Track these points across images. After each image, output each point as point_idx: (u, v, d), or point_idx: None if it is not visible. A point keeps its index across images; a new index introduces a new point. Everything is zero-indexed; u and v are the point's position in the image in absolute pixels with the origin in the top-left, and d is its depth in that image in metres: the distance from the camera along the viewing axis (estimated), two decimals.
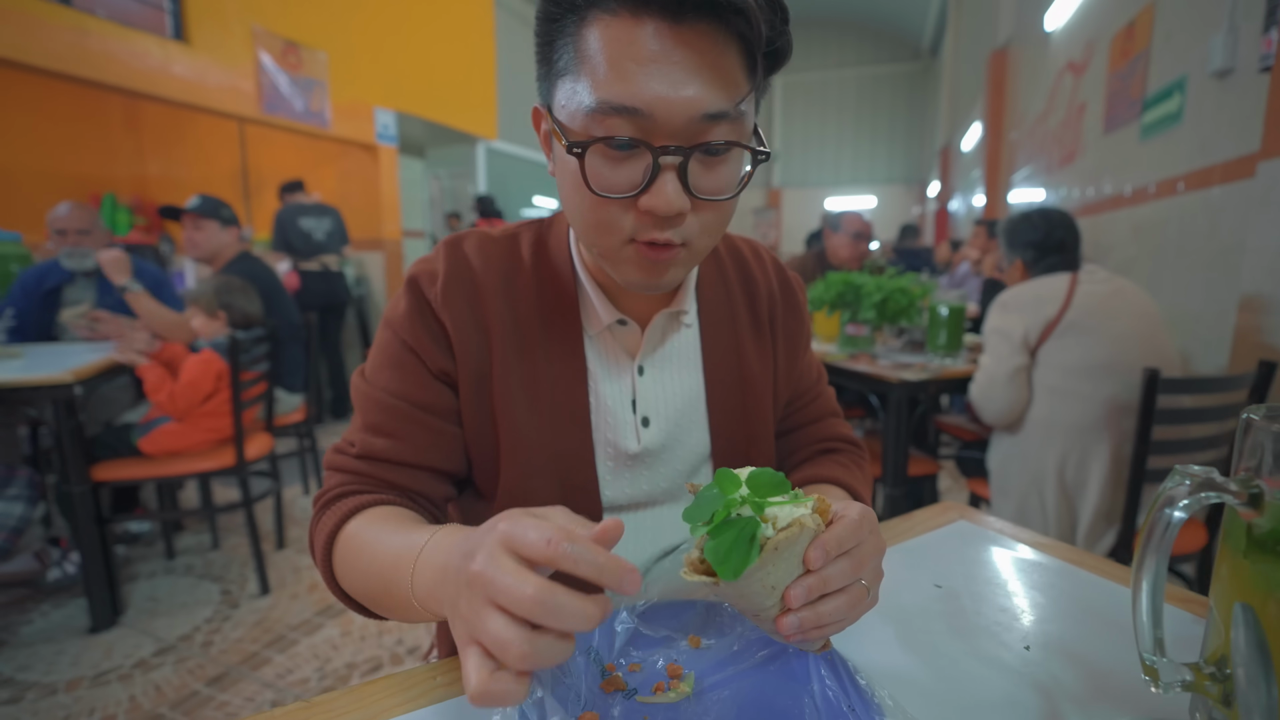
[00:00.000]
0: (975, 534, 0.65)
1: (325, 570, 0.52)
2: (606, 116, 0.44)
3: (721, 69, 0.43)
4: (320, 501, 0.55)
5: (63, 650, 1.74)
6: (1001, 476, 1.57)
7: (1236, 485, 0.32)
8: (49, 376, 1.67)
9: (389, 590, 0.44)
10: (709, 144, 0.44)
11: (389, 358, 0.57)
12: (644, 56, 0.42)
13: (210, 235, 2.42)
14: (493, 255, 0.59)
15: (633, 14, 0.42)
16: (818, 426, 0.72)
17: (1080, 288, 1.47)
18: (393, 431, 0.55)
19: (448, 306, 0.56)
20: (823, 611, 0.38)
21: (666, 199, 0.44)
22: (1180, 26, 2.54)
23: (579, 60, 0.45)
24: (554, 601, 0.31)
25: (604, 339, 0.60)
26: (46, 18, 2.88)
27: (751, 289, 0.67)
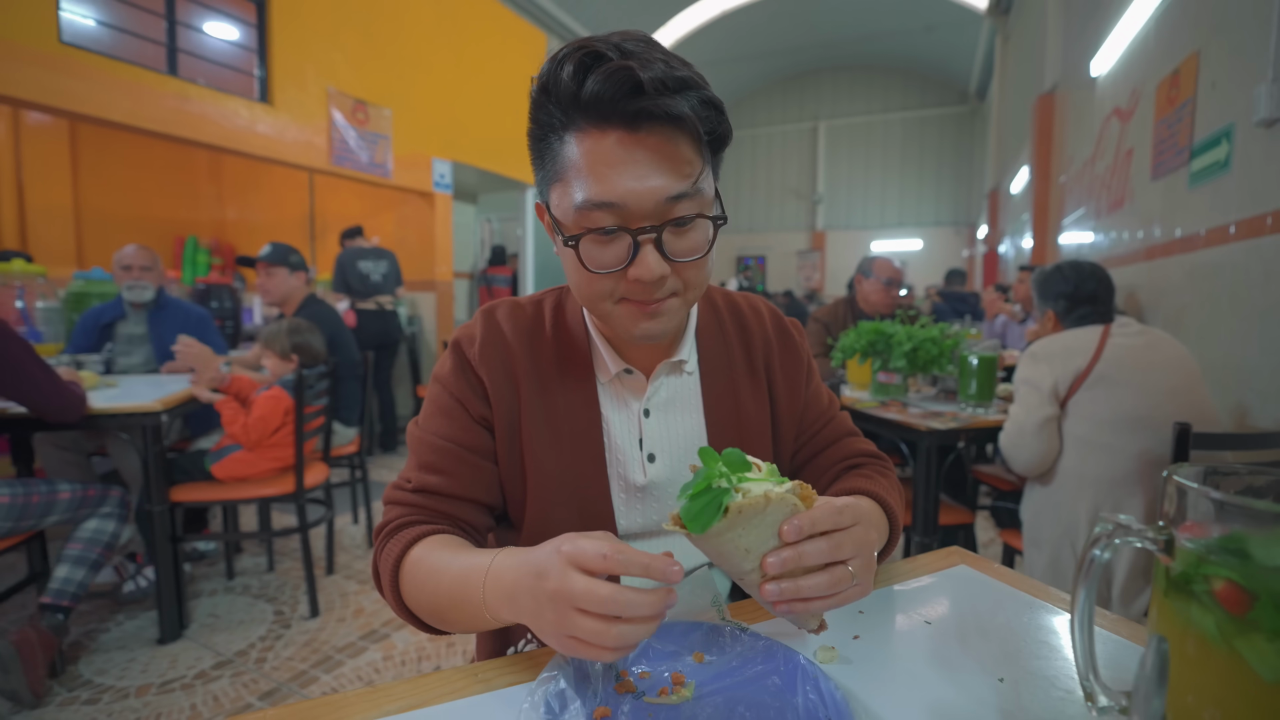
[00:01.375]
0: (974, 579, 0.69)
1: (393, 592, 0.61)
2: (591, 211, 0.54)
3: (676, 159, 0.54)
4: (383, 533, 0.64)
5: (134, 658, 1.88)
6: (1034, 528, 1.56)
7: (1153, 532, 0.37)
8: (140, 405, 1.86)
9: (458, 604, 0.54)
10: (676, 219, 0.55)
11: (439, 408, 0.68)
12: (613, 160, 0.53)
13: (280, 281, 2.65)
14: (520, 320, 0.70)
15: (599, 129, 0.53)
16: (837, 447, 0.78)
17: (1112, 340, 1.48)
18: (443, 469, 0.66)
19: (484, 364, 0.67)
20: (803, 585, 0.45)
21: (649, 268, 0.55)
22: (1225, 75, 2.54)
23: (563, 169, 0.56)
24: (625, 598, 0.42)
25: (614, 386, 0.70)
26: (154, 86, 3.26)
27: (747, 339, 0.76)
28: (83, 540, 1.76)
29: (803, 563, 0.45)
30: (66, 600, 1.71)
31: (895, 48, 12.50)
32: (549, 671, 0.46)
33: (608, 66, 0.51)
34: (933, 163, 13.69)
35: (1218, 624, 0.35)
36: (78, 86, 2.95)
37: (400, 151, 4.78)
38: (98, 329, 2.55)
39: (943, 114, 13.52)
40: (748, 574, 0.47)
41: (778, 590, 0.45)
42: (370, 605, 2.24)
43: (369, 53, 4.53)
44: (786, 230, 14.54)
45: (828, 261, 13.91)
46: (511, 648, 0.73)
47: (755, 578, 0.46)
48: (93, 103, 3.00)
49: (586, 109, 0.53)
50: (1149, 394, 1.41)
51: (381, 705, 0.47)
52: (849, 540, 0.48)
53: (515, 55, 6.04)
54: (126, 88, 3.13)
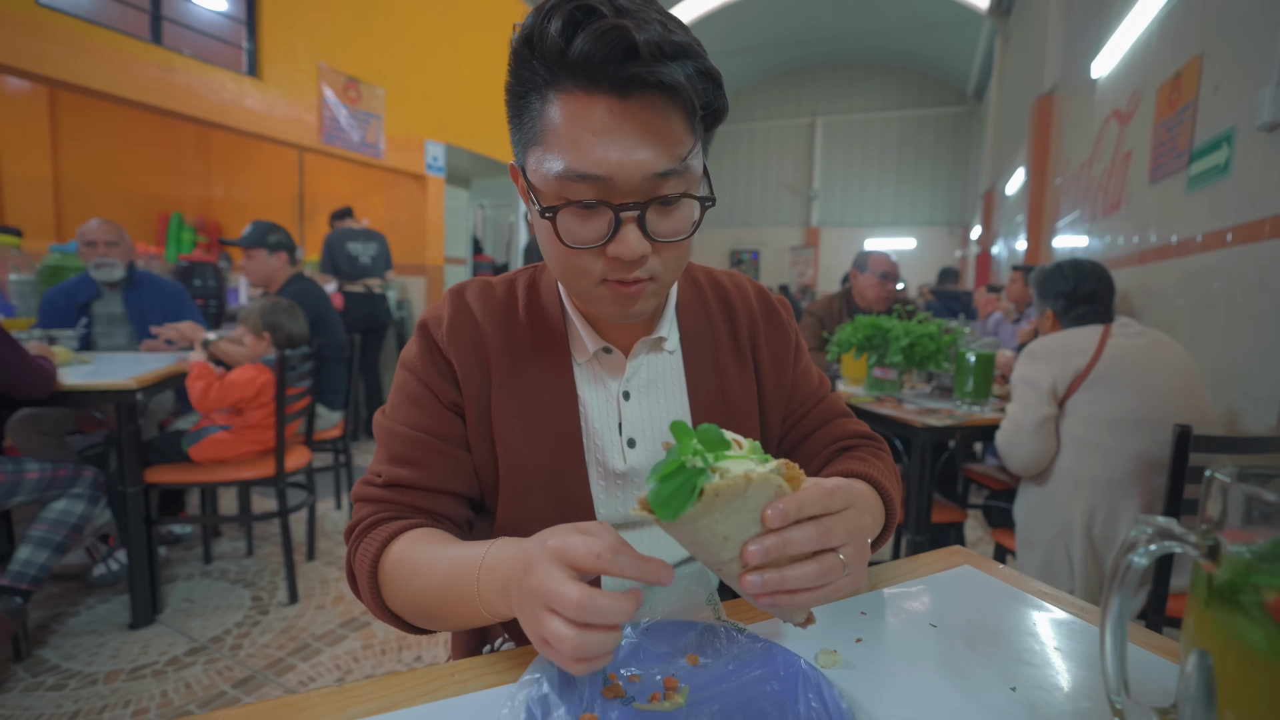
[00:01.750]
0: (979, 579, 0.66)
1: (371, 593, 0.57)
2: (572, 182, 0.50)
3: (666, 133, 0.50)
4: (355, 532, 0.60)
5: (104, 643, 1.83)
6: (1028, 528, 1.54)
7: (1196, 536, 0.34)
8: (116, 382, 1.79)
9: (450, 601, 0.50)
10: (662, 197, 0.52)
11: (407, 395, 0.64)
12: (599, 128, 0.49)
13: (260, 263, 2.58)
14: (490, 299, 0.66)
15: (586, 92, 0.49)
16: (829, 428, 0.74)
17: (1112, 340, 1.46)
18: (415, 460, 0.61)
19: (453, 345, 0.63)
20: (789, 576, 0.40)
21: (629, 246, 0.52)
22: (1228, 79, 2.52)
23: (544, 132, 0.51)
24: (594, 604, 0.38)
25: (591, 366, 0.66)
26: (137, 54, 3.16)
27: (732, 316, 0.72)
28: (48, 521, 1.70)
29: (788, 551, 0.40)
30: (26, 583, 1.65)
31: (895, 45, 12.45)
32: (531, 674, 0.43)
33: (600, 24, 0.47)
34: (929, 162, 13.70)
35: (1268, 638, 0.31)
36: (55, 51, 2.85)
37: (392, 132, 4.68)
38: (73, 308, 2.46)
39: (940, 113, 13.51)
40: (726, 564, 0.42)
41: (760, 581, 0.40)
42: (350, 593, 2.19)
43: (362, 29, 4.43)
44: (781, 225, 14.51)
45: (821, 258, 13.91)
46: (488, 645, 0.69)
47: (735, 567, 0.41)
48: (71, 69, 2.90)
49: (574, 69, 0.48)
50: (1148, 395, 1.39)
51: (348, 707, 0.44)
52: (840, 525, 0.42)
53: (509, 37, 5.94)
54: (107, 54, 3.02)
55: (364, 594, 0.58)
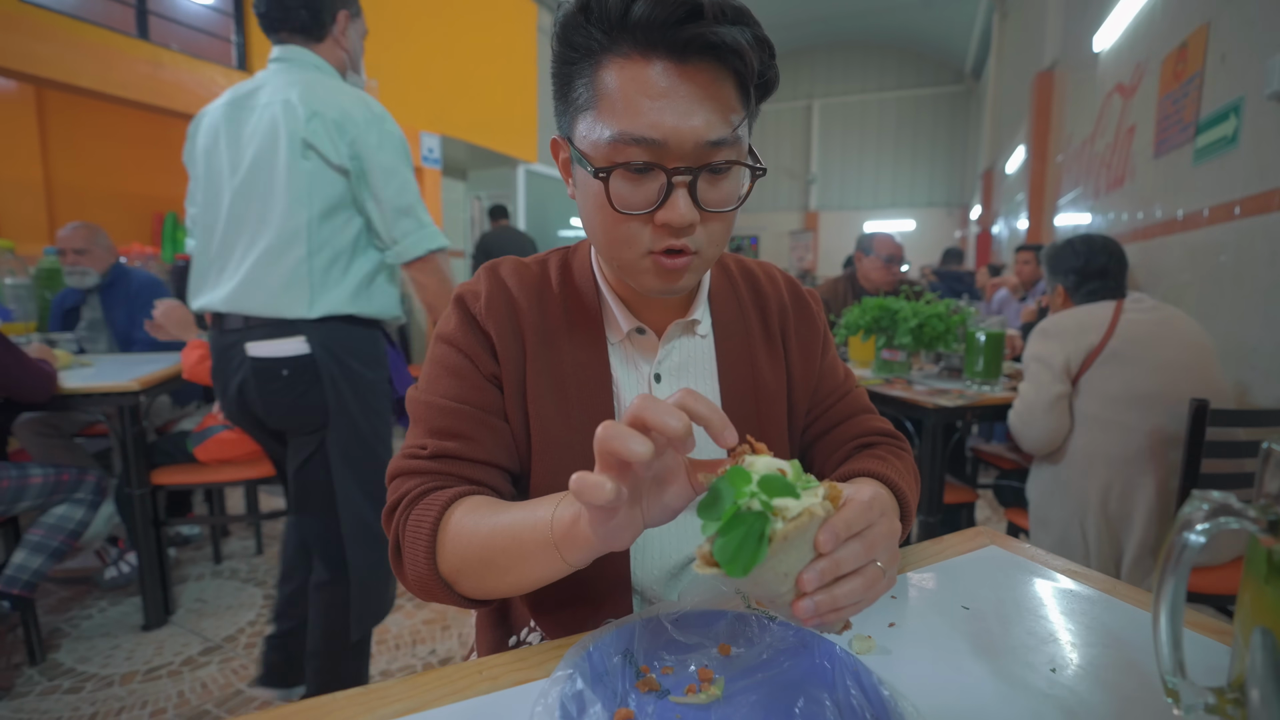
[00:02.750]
0: (1006, 559, 0.65)
1: (428, 559, 0.53)
2: (626, 146, 0.50)
3: (721, 100, 0.50)
4: (402, 504, 0.57)
5: (118, 645, 1.83)
6: (1042, 507, 1.53)
7: (1256, 512, 0.32)
8: (118, 384, 1.78)
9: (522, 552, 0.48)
10: (714, 164, 0.52)
11: (446, 368, 0.63)
12: (655, 92, 0.49)
13: None
14: (525, 276, 0.66)
15: (644, 55, 0.49)
16: (851, 424, 0.73)
17: (1125, 316, 1.44)
18: (460, 432, 0.60)
19: (491, 318, 0.62)
20: (838, 594, 0.39)
21: (680, 213, 0.52)
22: (1235, 48, 2.48)
23: (597, 97, 0.52)
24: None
25: (625, 346, 0.66)
26: (125, 50, 3.11)
27: (763, 303, 0.72)
28: (45, 526, 1.69)
29: (840, 571, 0.40)
30: (18, 589, 1.64)
31: (891, 24, 12.31)
32: (563, 669, 0.42)
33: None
34: (927, 143, 13.59)
35: None
36: (41, 49, 2.80)
37: None
38: (63, 313, 2.46)
39: (938, 93, 13.38)
40: (781, 596, 0.40)
41: (813, 606, 0.39)
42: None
43: None
44: (780, 210, 14.43)
45: (821, 242, 13.84)
46: (513, 636, 0.68)
47: (789, 597, 0.40)
48: (57, 66, 2.86)
49: (634, 31, 0.49)
50: (1162, 371, 1.37)
51: (375, 709, 0.43)
52: (879, 536, 0.42)
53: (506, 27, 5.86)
54: (94, 51, 2.98)
55: (416, 567, 0.54)
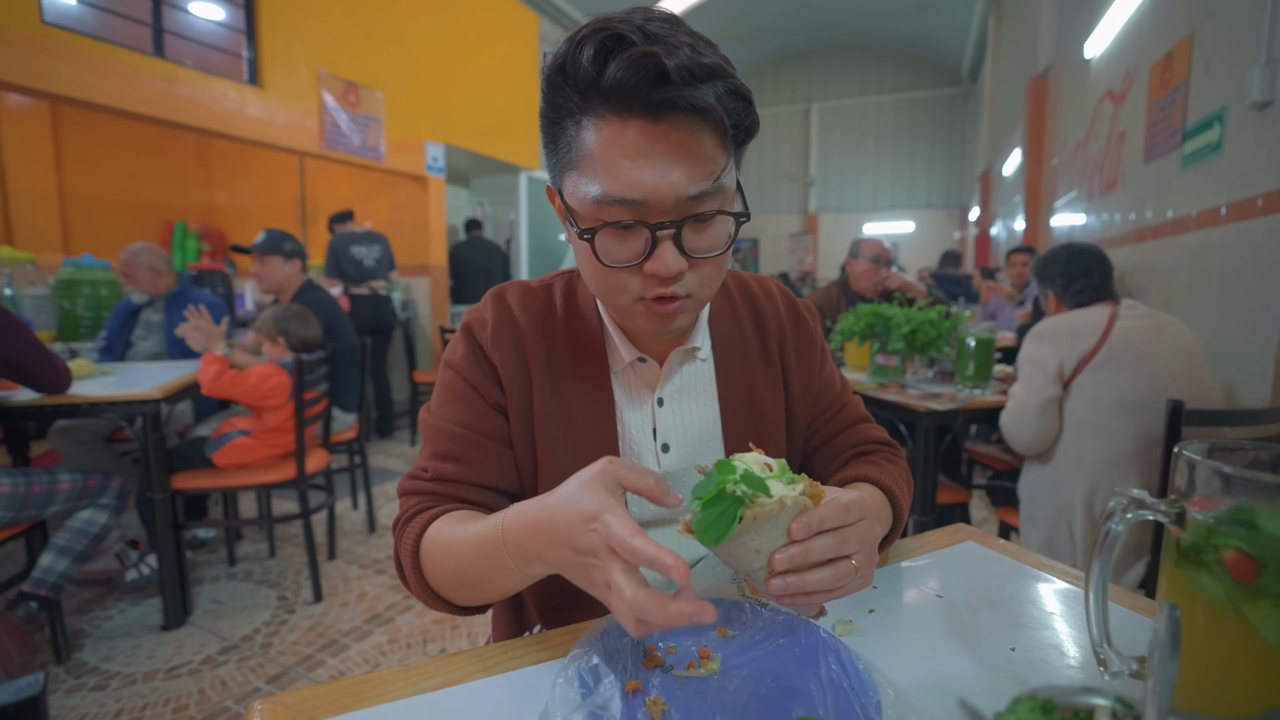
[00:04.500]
0: (981, 554, 0.71)
1: (415, 576, 0.59)
2: (609, 206, 0.53)
3: (699, 154, 0.52)
4: (399, 523, 0.63)
5: (140, 645, 1.89)
6: (1031, 505, 1.59)
7: (1165, 505, 0.39)
8: (140, 392, 1.85)
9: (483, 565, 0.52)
10: (697, 214, 0.54)
11: (453, 394, 0.67)
12: (633, 152, 0.51)
13: (274, 269, 2.63)
14: (531, 304, 0.69)
15: (620, 117, 0.52)
16: (849, 434, 0.77)
17: (1119, 323, 1.48)
18: (460, 457, 0.65)
19: (497, 349, 0.66)
20: (809, 579, 0.46)
21: (666, 264, 0.54)
22: (1218, 58, 2.55)
23: (580, 157, 0.54)
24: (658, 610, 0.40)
25: (627, 375, 0.69)
26: (141, 67, 3.19)
27: (761, 323, 0.75)
28: (71, 530, 1.76)
29: (810, 559, 0.45)
30: (45, 590, 1.70)
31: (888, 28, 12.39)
32: (581, 647, 0.48)
33: (631, 52, 0.49)
34: (925, 145, 13.66)
35: (1227, 591, 0.37)
36: (61, 68, 2.88)
37: (392, 134, 4.71)
38: (126, 313, 2.61)
39: (935, 96, 13.45)
40: (755, 571, 0.47)
41: (784, 585, 0.46)
42: (373, 590, 2.26)
43: (359, 34, 4.45)
44: (779, 213, 14.50)
45: (820, 244, 13.91)
46: (526, 633, 0.74)
47: (763, 574, 0.47)
48: (77, 85, 2.94)
49: (607, 96, 0.51)
50: (1151, 378, 1.42)
51: (416, 683, 0.49)
52: (854, 536, 0.47)
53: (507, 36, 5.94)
54: (112, 69, 3.06)
55: (410, 578, 0.60)
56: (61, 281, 3.05)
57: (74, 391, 1.82)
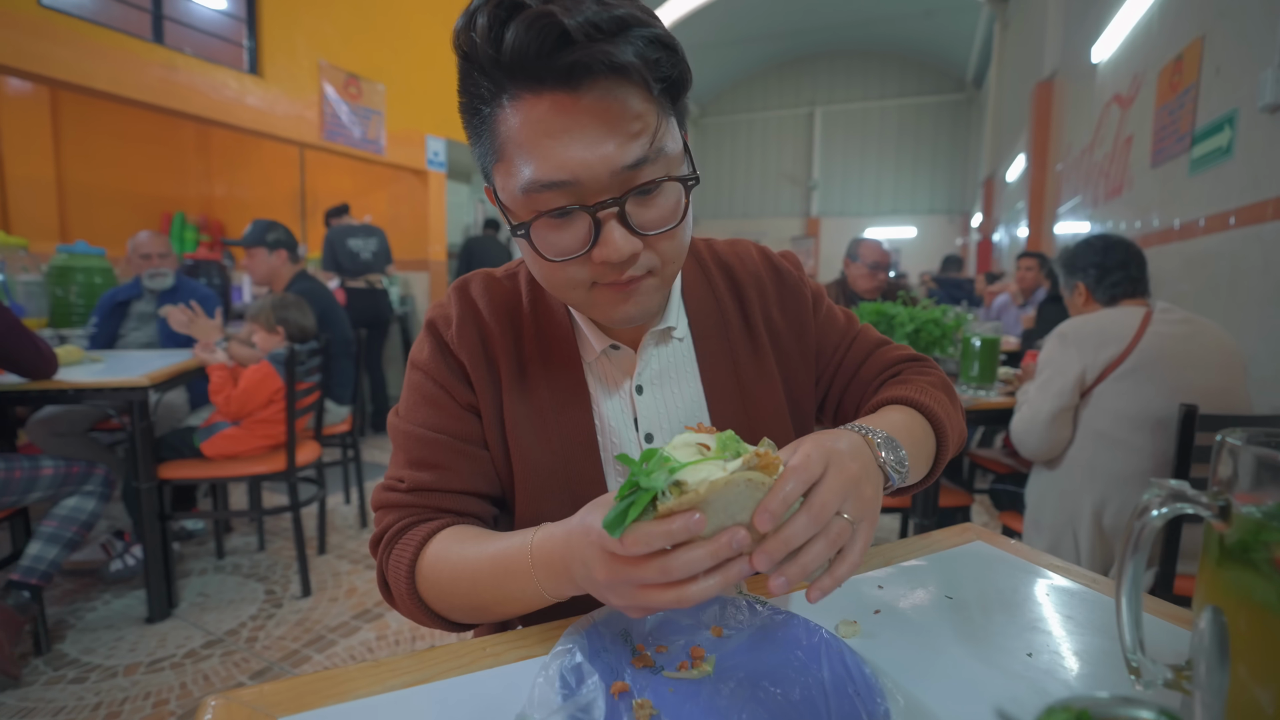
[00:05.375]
0: (992, 554, 0.68)
1: (411, 598, 0.56)
2: (539, 194, 0.48)
3: (625, 117, 0.46)
4: (384, 541, 0.59)
5: (122, 637, 1.85)
6: (1037, 510, 1.55)
7: (1207, 498, 0.35)
8: (128, 380, 1.81)
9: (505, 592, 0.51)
10: (639, 187, 0.48)
11: (422, 396, 0.62)
12: (554, 129, 0.46)
13: (260, 261, 2.61)
14: (496, 295, 0.65)
15: (532, 92, 0.46)
16: (870, 364, 0.72)
17: (1151, 329, 1.35)
18: (437, 463, 0.60)
19: (463, 346, 0.62)
20: (806, 562, 0.40)
21: (616, 247, 0.49)
22: (1230, 60, 2.52)
23: (502, 145, 0.49)
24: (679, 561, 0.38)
25: (601, 364, 0.64)
26: (140, 54, 3.16)
27: (739, 291, 0.70)
28: (59, 518, 1.72)
29: (792, 546, 0.39)
30: (35, 579, 1.67)
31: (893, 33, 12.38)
32: (563, 644, 0.44)
33: (525, 15, 0.43)
34: (928, 150, 13.65)
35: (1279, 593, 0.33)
36: (59, 52, 2.85)
37: (393, 128, 4.68)
38: (113, 306, 2.59)
39: (939, 101, 13.44)
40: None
41: (784, 584, 0.39)
42: (363, 585, 2.22)
43: (361, 25, 4.42)
44: (781, 216, 14.49)
45: (822, 248, 13.89)
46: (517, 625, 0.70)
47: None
48: (75, 70, 2.91)
49: (512, 70, 0.45)
50: (1185, 394, 1.28)
51: (385, 680, 0.45)
52: (828, 493, 0.40)
53: None
54: (110, 55, 3.03)
55: (402, 600, 0.57)
56: (55, 268, 3.01)
57: (62, 377, 1.79)
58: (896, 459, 0.52)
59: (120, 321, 2.60)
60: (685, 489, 0.38)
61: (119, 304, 2.60)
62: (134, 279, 2.60)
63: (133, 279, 2.61)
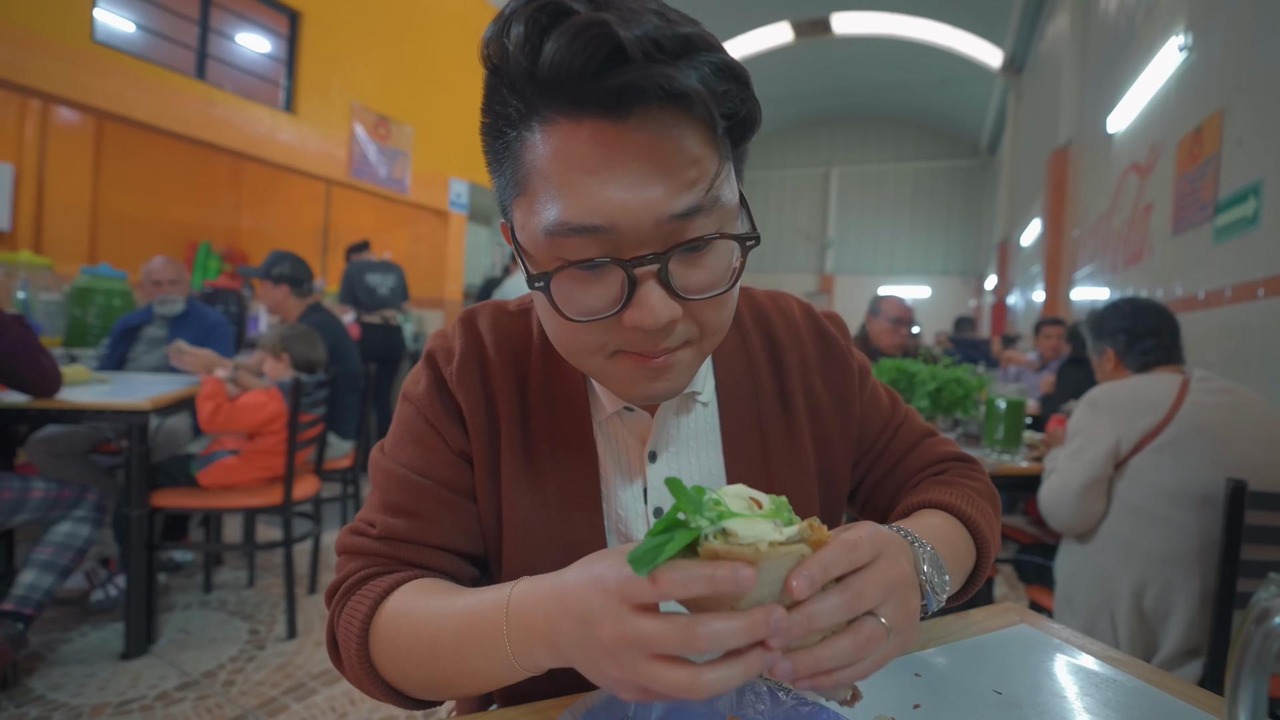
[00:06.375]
0: (1039, 640, 0.60)
1: (361, 660, 0.49)
2: (566, 238, 0.40)
3: (681, 158, 0.39)
4: (340, 590, 0.52)
5: (93, 674, 1.76)
6: (1069, 588, 1.44)
7: None
8: (129, 402, 1.78)
9: (468, 660, 0.43)
10: (688, 243, 0.41)
11: (411, 433, 0.55)
12: (591, 163, 0.38)
13: (267, 293, 2.63)
14: (504, 332, 0.57)
15: (570, 118, 0.38)
16: (914, 456, 0.65)
17: (1190, 398, 1.27)
18: (415, 511, 0.53)
19: (462, 386, 0.55)
20: (822, 656, 0.34)
21: (652, 312, 0.41)
22: (1253, 132, 2.52)
23: (526, 178, 0.41)
24: (707, 630, 0.32)
25: (613, 425, 0.57)
26: (181, 88, 3.29)
27: (778, 356, 0.62)
28: (53, 545, 1.67)
29: (815, 626, 0.34)
30: (29, 609, 1.61)
31: (909, 99, 12.75)
32: None
33: (571, 23, 0.36)
34: (942, 213, 13.84)
35: None
36: (106, 84, 2.97)
37: (419, 169, 4.81)
38: (125, 330, 2.61)
39: (954, 166, 13.71)
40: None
41: (789, 669, 0.34)
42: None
43: (395, 70, 4.60)
44: (795, 272, 14.61)
45: (835, 305, 13.94)
46: (494, 705, 0.61)
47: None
48: (119, 101, 3.02)
49: (549, 89, 0.38)
50: (1227, 468, 1.20)
51: None
52: (870, 584, 0.36)
53: None
54: (154, 88, 3.15)
55: (350, 662, 0.49)
56: (76, 289, 3.05)
57: (65, 397, 1.77)
58: (939, 581, 0.46)
59: (131, 345, 2.61)
60: (733, 541, 0.33)
61: (130, 328, 2.61)
62: (147, 305, 2.62)
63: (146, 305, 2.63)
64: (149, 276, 2.54)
